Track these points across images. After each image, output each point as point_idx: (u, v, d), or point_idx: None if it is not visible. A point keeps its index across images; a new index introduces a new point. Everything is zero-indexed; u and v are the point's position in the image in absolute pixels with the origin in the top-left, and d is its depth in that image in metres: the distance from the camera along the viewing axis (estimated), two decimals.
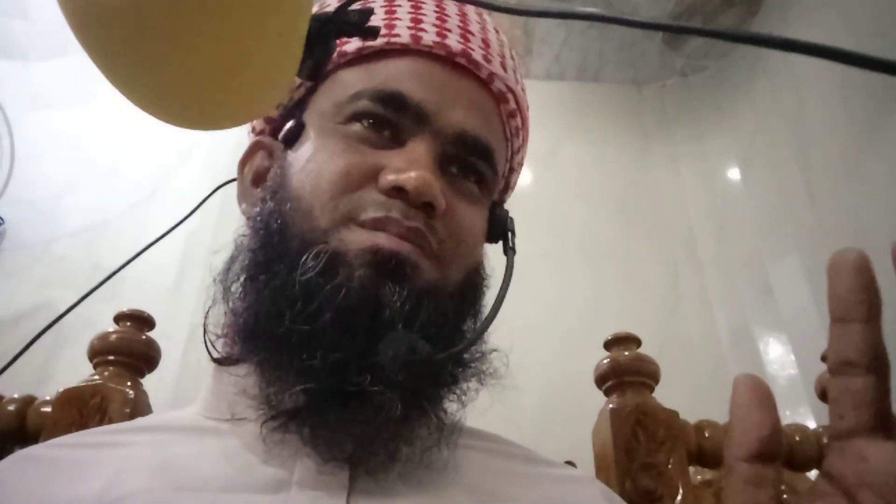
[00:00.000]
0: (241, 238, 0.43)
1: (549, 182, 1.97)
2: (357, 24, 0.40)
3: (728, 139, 1.99)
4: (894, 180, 1.36)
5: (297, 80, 0.41)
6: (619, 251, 1.86)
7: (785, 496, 0.71)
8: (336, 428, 0.36)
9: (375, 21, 0.42)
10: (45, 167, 2.03)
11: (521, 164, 0.54)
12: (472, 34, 0.46)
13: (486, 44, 0.47)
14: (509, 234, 0.47)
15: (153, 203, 1.91)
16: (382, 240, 0.38)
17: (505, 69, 0.48)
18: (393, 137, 0.43)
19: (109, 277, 0.48)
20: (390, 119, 0.43)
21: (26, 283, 1.83)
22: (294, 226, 0.39)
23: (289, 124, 0.45)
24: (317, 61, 0.40)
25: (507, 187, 0.53)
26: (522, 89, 0.51)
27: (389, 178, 0.40)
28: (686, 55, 2.13)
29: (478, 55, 0.45)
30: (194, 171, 1.89)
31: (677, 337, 1.71)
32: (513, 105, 0.49)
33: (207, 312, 0.42)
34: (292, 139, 0.45)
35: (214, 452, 0.38)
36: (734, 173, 1.94)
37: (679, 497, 0.65)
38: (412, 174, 0.39)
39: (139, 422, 0.46)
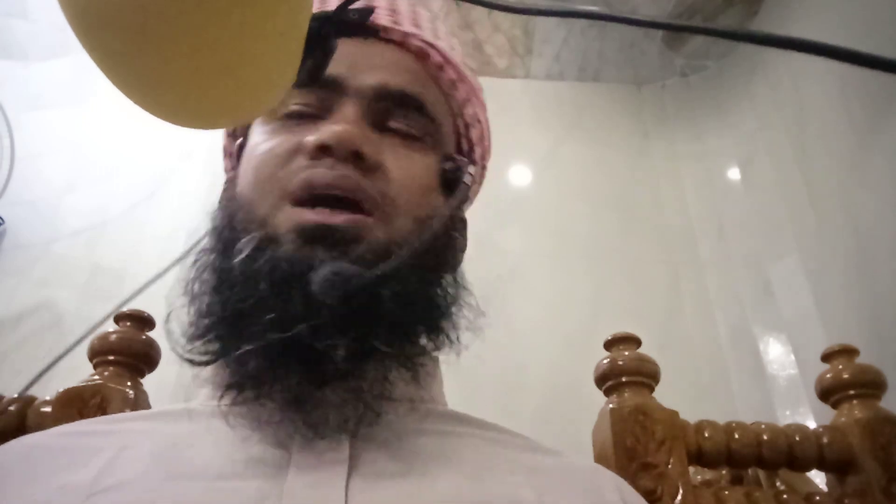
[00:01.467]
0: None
1: (549, 182, 1.97)
2: (357, 22, 0.40)
3: (728, 139, 1.99)
4: (894, 180, 1.36)
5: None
6: (619, 251, 1.86)
7: (785, 496, 0.71)
8: (306, 393, 0.37)
9: None
10: (45, 167, 2.03)
11: (478, 119, 0.52)
12: (378, 6, 0.47)
13: (392, 9, 0.47)
14: (462, 183, 0.45)
15: (153, 203, 1.91)
16: (308, 215, 0.39)
17: (419, 27, 0.48)
18: (319, 115, 0.43)
19: (143, 288, 0.49)
20: (310, 101, 0.43)
21: (26, 283, 1.84)
22: (238, 221, 0.40)
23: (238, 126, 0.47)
24: (317, 60, 0.40)
25: (472, 144, 0.52)
26: (451, 46, 0.50)
27: (311, 139, 0.40)
28: (686, 55, 2.13)
29: (385, 21, 0.46)
30: (194, 171, 1.89)
31: (677, 337, 1.71)
32: (438, 58, 0.48)
33: (169, 315, 0.42)
34: (244, 140, 0.46)
35: (211, 439, 0.38)
36: (734, 173, 1.94)
37: (679, 497, 0.65)
38: (333, 128, 0.40)
39: (141, 412, 0.46)
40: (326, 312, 0.35)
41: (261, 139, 0.43)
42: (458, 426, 0.43)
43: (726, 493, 0.69)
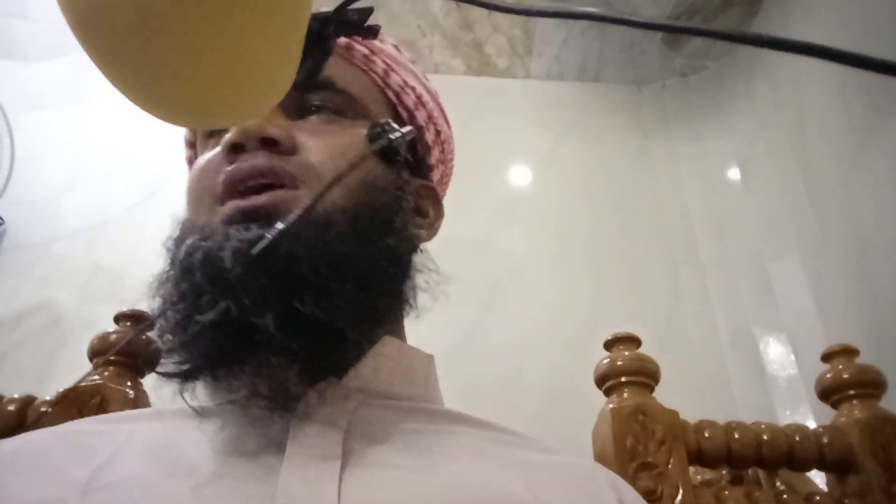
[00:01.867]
0: None
1: (549, 182, 1.97)
2: (356, 23, 0.40)
3: (728, 139, 1.99)
4: (894, 180, 1.36)
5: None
6: (619, 251, 1.86)
7: (785, 496, 0.71)
8: (275, 378, 0.38)
9: None
10: (45, 167, 2.03)
11: (409, 85, 0.51)
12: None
13: None
14: (392, 143, 0.44)
15: (153, 203, 1.91)
16: (236, 203, 0.39)
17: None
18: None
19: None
20: None
21: (26, 283, 1.84)
22: (182, 234, 0.41)
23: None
24: (316, 60, 0.40)
25: (409, 111, 0.51)
26: None
27: (222, 142, 0.41)
28: (686, 55, 2.13)
29: None
30: None
31: (677, 337, 1.71)
32: (342, 40, 0.49)
33: (143, 329, 0.44)
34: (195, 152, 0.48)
35: (205, 438, 0.38)
36: (734, 173, 1.94)
37: (679, 497, 0.65)
38: (237, 126, 0.41)
39: (138, 411, 0.46)
40: (246, 283, 0.35)
41: (198, 161, 0.45)
42: (453, 424, 0.43)
43: (726, 493, 0.69)
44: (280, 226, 0.35)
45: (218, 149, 0.42)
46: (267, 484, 0.34)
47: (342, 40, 0.48)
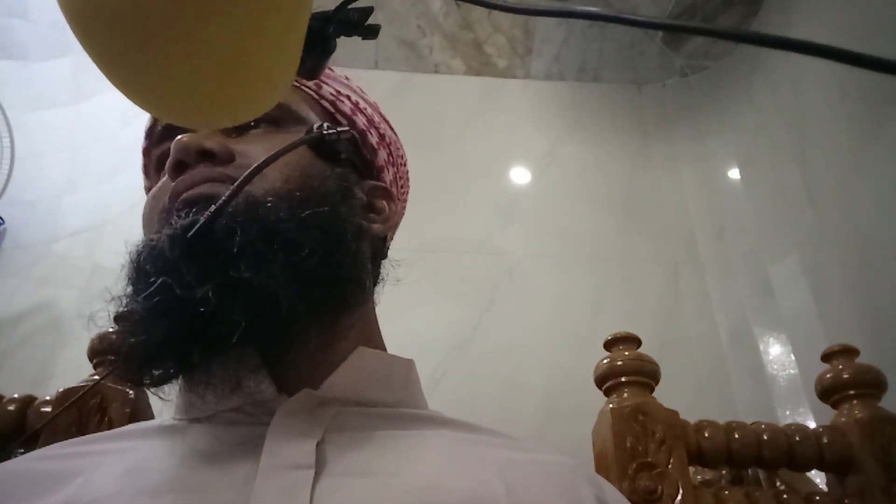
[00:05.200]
0: None
1: (549, 182, 1.97)
2: (356, 23, 0.40)
3: (728, 139, 1.99)
4: (894, 180, 1.36)
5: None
6: (619, 251, 1.86)
7: (785, 496, 0.71)
8: (251, 367, 0.39)
9: None
10: (45, 167, 2.03)
11: (342, 94, 0.52)
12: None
13: None
14: (325, 136, 0.45)
15: None
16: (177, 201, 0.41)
17: None
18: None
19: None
20: (165, 138, 0.48)
21: (26, 283, 1.84)
22: (136, 248, 0.42)
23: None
24: (316, 60, 0.40)
25: (347, 116, 0.52)
26: None
27: (166, 165, 0.43)
28: (686, 55, 2.13)
29: None
30: None
31: (677, 337, 1.71)
32: None
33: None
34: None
35: (180, 452, 0.38)
36: (734, 173, 1.94)
37: (679, 497, 0.65)
38: (175, 143, 0.43)
39: (118, 430, 0.46)
40: (184, 261, 0.36)
41: (150, 193, 0.48)
42: (433, 427, 0.43)
43: (726, 493, 0.69)
44: (213, 208, 0.37)
45: (165, 177, 0.44)
46: (242, 494, 0.34)
47: None
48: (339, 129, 0.47)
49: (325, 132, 0.45)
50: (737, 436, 0.71)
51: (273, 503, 0.34)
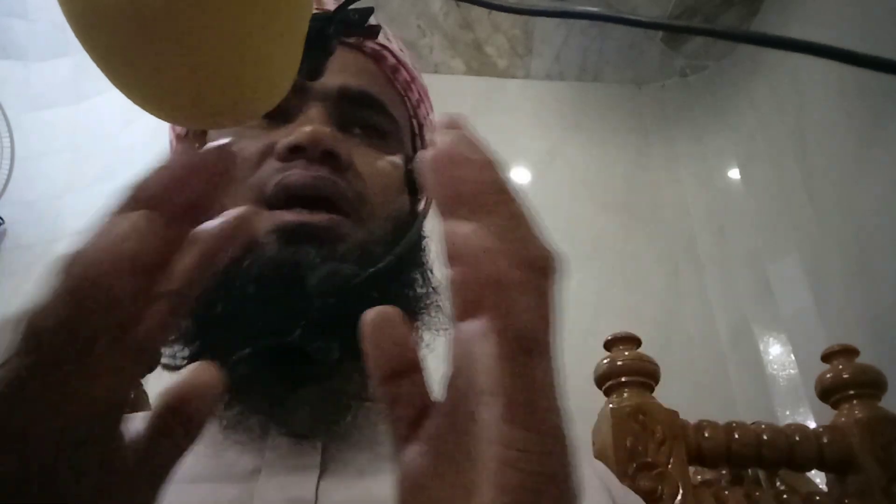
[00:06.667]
0: None
1: (548, 182, 1.97)
2: (357, 23, 0.40)
3: (728, 139, 1.99)
4: (894, 180, 1.36)
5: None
6: (619, 251, 1.86)
7: (785, 496, 0.71)
8: (286, 395, 0.37)
9: None
10: (45, 167, 2.03)
11: (429, 119, 0.52)
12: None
13: None
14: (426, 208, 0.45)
15: None
16: (287, 216, 0.38)
17: None
18: (283, 119, 0.43)
19: None
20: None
21: (27, 283, 1.83)
22: None
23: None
24: (316, 61, 0.40)
25: (425, 144, 0.52)
26: (400, 48, 0.50)
27: (283, 141, 0.40)
28: (686, 55, 2.13)
29: None
30: None
31: (677, 337, 1.71)
32: (392, 60, 0.49)
33: None
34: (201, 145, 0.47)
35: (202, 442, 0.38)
36: (734, 173, 1.94)
37: (679, 497, 0.65)
38: (304, 129, 0.40)
39: None
40: (320, 313, 0.35)
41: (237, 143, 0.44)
42: None
43: (726, 493, 0.69)
44: (374, 269, 0.36)
45: (259, 141, 0.41)
46: (246, 489, 0.34)
47: (391, 60, 0.49)
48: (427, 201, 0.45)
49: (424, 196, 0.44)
50: (737, 436, 0.71)
51: (277, 500, 0.34)
